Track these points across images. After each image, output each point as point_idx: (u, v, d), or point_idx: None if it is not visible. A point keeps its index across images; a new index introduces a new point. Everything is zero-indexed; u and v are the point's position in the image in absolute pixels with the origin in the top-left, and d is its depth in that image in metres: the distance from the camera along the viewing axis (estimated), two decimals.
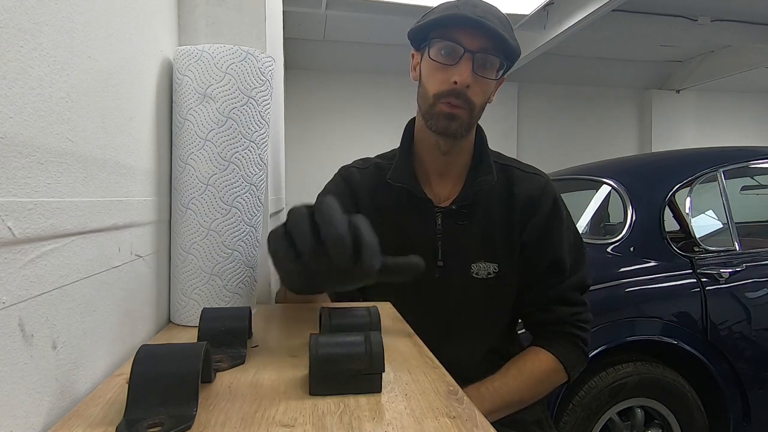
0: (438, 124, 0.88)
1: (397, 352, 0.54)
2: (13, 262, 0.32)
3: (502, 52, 0.86)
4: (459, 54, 0.85)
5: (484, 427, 0.37)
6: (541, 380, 0.90)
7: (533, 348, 0.93)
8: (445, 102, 0.86)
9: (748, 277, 1.90)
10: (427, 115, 0.90)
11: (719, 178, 2.02)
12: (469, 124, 0.89)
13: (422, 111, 0.92)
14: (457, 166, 0.96)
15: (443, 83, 0.86)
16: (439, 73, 0.87)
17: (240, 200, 0.63)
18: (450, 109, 0.86)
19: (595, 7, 3.89)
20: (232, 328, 0.52)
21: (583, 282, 0.97)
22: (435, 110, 0.88)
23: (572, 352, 0.92)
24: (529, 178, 0.97)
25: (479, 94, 0.87)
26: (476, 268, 0.92)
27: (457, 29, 0.84)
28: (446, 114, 0.87)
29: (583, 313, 0.95)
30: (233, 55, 0.62)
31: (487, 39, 0.84)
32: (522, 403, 0.88)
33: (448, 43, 0.85)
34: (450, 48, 0.85)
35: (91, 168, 0.43)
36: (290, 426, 0.36)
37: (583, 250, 0.98)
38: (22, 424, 0.33)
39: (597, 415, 1.73)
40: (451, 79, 0.85)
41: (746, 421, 1.82)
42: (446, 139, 0.90)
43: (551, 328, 0.94)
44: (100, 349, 0.45)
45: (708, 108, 6.97)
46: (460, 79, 0.84)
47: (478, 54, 0.84)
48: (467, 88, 0.85)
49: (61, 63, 0.38)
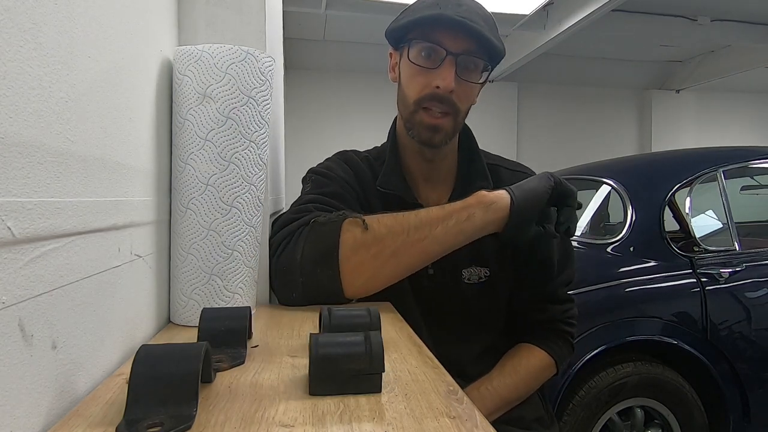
0: (421, 136, 0.85)
1: (397, 352, 0.54)
2: (13, 262, 0.32)
3: (486, 54, 0.83)
4: (441, 56, 0.80)
5: (484, 426, 0.37)
6: (535, 376, 0.91)
7: (526, 345, 0.94)
8: (425, 108, 0.83)
9: (748, 277, 1.90)
10: (409, 123, 0.86)
11: (719, 178, 2.02)
12: (453, 132, 0.86)
13: (403, 117, 0.88)
14: (442, 171, 0.93)
15: (425, 87, 0.82)
16: (419, 77, 0.82)
17: (240, 200, 0.63)
18: (433, 120, 0.83)
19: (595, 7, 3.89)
20: (232, 328, 0.52)
21: (570, 278, 0.97)
22: (416, 119, 0.84)
23: (563, 348, 0.94)
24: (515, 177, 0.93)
25: (463, 99, 0.84)
26: (467, 273, 0.90)
27: (438, 30, 0.80)
28: (429, 125, 0.83)
29: (572, 309, 0.97)
30: (233, 55, 0.62)
31: (471, 40, 0.80)
32: (519, 399, 0.90)
33: (430, 45, 0.80)
34: (431, 50, 0.81)
35: (91, 168, 0.43)
36: (290, 426, 0.36)
37: (569, 245, 0.97)
38: (22, 424, 0.33)
39: (597, 415, 1.73)
40: (433, 83, 0.80)
41: (746, 421, 1.82)
42: (429, 148, 0.88)
43: (543, 325, 0.95)
44: (100, 349, 0.45)
45: (708, 108, 6.97)
46: (443, 83, 0.80)
47: (462, 56, 0.80)
48: (451, 93, 0.81)
49: (61, 63, 0.38)
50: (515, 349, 0.94)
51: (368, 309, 0.55)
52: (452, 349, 0.90)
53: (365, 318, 0.54)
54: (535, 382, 0.92)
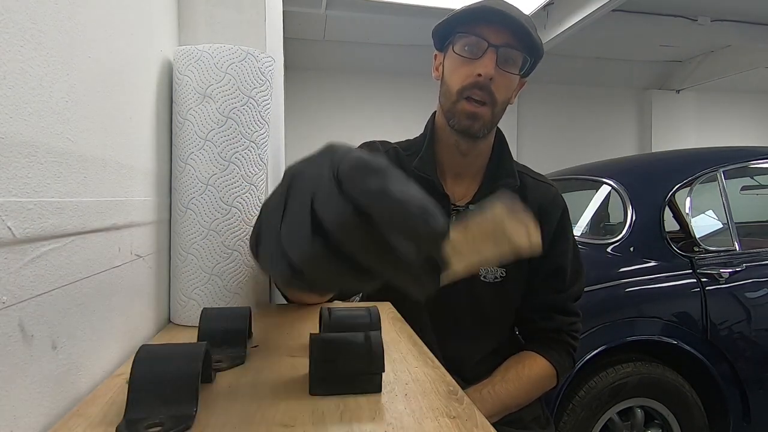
0: (460, 123, 0.88)
1: (397, 352, 0.54)
2: (13, 262, 0.32)
3: (525, 48, 0.87)
4: (483, 48, 0.85)
5: (484, 426, 0.37)
6: (536, 386, 0.93)
7: (530, 353, 0.95)
8: (468, 97, 0.86)
9: (748, 277, 1.90)
10: (449, 113, 0.90)
11: (719, 178, 2.02)
12: (491, 123, 0.89)
13: (444, 109, 0.91)
14: (473, 167, 0.95)
15: (467, 77, 0.86)
16: (463, 68, 0.87)
17: (240, 200, 0.63)
18: (473, 108, 0.86)
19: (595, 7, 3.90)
20: (232, 328, 0.52)
21: (579, 293, 1.00)
22: (458, 108, 0.88)
23: (566, 360, 0.96)
24: (541, 186, 0.98)
25: (502, 90, 0.87)
26: (484, 270, 0.92)
27: (481, 24, 0.85)
28: (469, 113, 0.87)
29: (578, 323, 0.99)
30: (233, 55, 0.62)
31: (511, 34, 0.84)
32: (518, 406, 0.91)
33: (473, 38, 0.85)
34: (474, 42, 0.85)
35: (91, 168, 0.43)
36: (290, 426, 0.36)
37: (581, 261, 1.01)
38: (22, 424, 0.33)
39: (597, 415, 1.73)
40: (475, 72, 0.85)
41: (746, 421, 1.82)
42: (467, 140, 0.90)
43: (549, 335, 0.97)
44: (100, 349, 0.45)
45: (708, 108, 6.97)
46: (484, 71, 0.84)
47: (502, 48, 0.84)
48: (491, 80, 0.84)
49: (61, 63, 0.38)
50: (520, 356, 0.95)
51: (368, 309, 0.55)
52: (458, 347, 0.91)
53: (365, 318, 0.54)
54: (536, 391, 0.93)
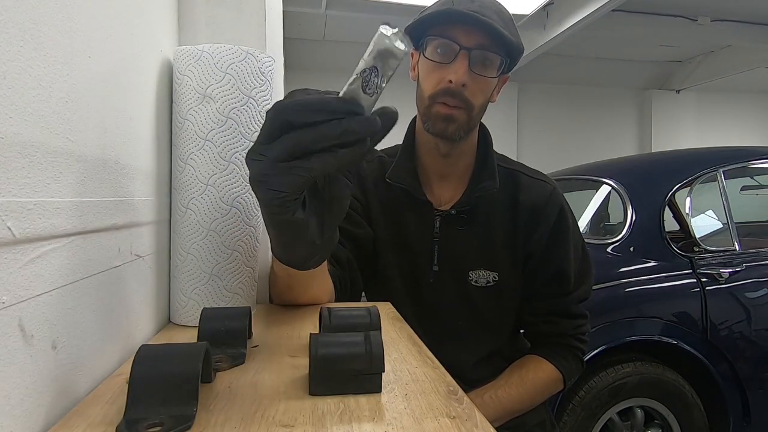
0: (435, 127, 0.85)
1: (397, 352, 0.54)
2: (13, 262, 0.32)
3: (501, 49, 0.82)
4: (455, 51, 0.80)
5: (484, 427, 0.37)
6: (541, 391, 0.91)
7: (535, 357, 0.93)
8: (441, 103, 0.83)
9: (747, 277, 1.90)
10: (425, 116, 0.87)
11: (719, 178, 2.02)
12: (468, 126, 0.86)
13: (420, 112, 0.89)
14: (458, 169, 0.92)
15: (439, 83, 0.82)
16: (434, 73, 0.83)
17: (240, 200, 0.63)
18: (447, 110, 0.83)
19: (595, 7, 3.90)
20: (232, 328, 0.52)
21: (586, 294, 0.96)
22: (432, 112, 0.84)
23: (572, 364, 0.93)
24: (536, 185, 0.93)
25: (477, 94, 0.83)
26: (475, 275, 0.90)
27: (452, 26, 0.81)
28: (443, 116, 0.83)
29: (584, 325, 0.96)
30: (233, 55, 0.62)
31: (484, 35, 0.80)
32: (521, 411, 0.89)
33: (443, 41, 0.81)
34: (445, 46, 0.81)
35: (91, 168, 0.43)
36: (290, 426, 0.36)
37: (589, 260, 0.96)
38: (22, 424, 0.33)
39: (597, 415, 1.73)
40: (446, 78, 0.81)
41: (746, 421, 1.82)
42: (445, 142, 0.88)
43: (554, 339, 0.94)
44: (100, 349, 0.45)
45: (708, 108, 6.97)
46: (455, 77, 0.80)
47: (475, 51, 0.80)
48: (463, 87, 0.81)
49: (61, 63, 0.38)
50: (523, 360, 0.93)
51: (368, 309, 0.55)
52: (451, 351, 0.89)
53: (365, 318, 0.54)
54: (541, 396, 0.91)
